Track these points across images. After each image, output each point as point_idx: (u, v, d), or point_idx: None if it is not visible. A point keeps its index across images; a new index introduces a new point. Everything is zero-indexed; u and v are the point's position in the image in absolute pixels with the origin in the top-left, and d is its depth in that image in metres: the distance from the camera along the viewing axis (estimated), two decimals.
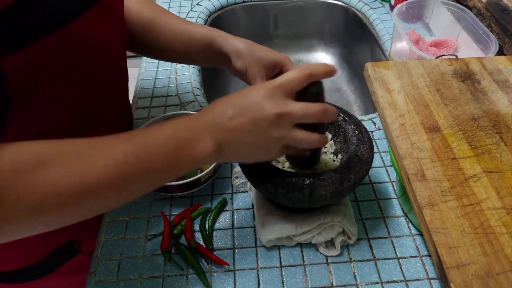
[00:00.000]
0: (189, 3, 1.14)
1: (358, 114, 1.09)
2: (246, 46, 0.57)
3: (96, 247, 0.58)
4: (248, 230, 0.59)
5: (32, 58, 0.39)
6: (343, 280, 0.53)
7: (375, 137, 0.72)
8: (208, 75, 1.03)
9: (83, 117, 0.52)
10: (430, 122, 0.53)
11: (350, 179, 0.48)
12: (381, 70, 0.61)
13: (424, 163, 0.47)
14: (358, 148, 0.52)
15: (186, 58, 0.65)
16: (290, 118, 0.42)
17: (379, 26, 1.02)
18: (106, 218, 0.61)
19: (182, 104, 0.81)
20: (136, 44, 0.63)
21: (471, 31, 0.79)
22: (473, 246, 0.40)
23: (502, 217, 0.42)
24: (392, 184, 0.64)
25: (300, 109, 0.41)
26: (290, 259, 0.55)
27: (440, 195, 0.44)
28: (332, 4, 1.17)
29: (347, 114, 0.58)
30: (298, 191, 0.48)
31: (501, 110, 0.54)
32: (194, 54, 0.63)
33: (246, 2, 1.16)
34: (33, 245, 0.61)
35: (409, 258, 0.55)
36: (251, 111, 0.41)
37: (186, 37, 0.61)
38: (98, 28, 0.48)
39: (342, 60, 1.23)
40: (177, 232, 0.58)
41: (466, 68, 0.61)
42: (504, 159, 0.48)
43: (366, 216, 0.60)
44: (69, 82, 0.46)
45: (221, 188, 0.65)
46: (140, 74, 0.90)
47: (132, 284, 0.53)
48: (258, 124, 0.41)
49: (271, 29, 1.23)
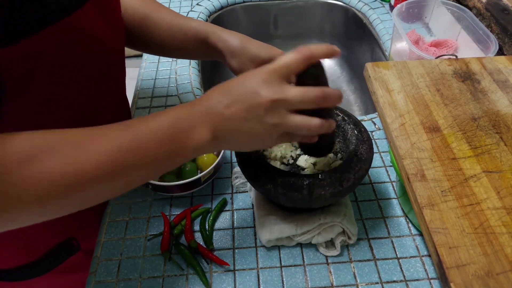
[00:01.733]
0: (189, 3, 1.14)
1: (358, 114, 1.09)
2: (240, 43, 0.56)
3: (96, 247, 0.58)
4: (248, 230, 0.59)
5: (29, 50, 0.40)
6: (343, 280, 0.53)
7: (375, 137, 0.72)
8: (208, 75, 1.03)
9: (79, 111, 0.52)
10: (430, 122, 0.52)
11: (350, 179, 0.48)
12: (381, 70, 0.61)
13: (424, 163, 0.47)
14: (358, 148, 0.52)
15: (183, 54, 0.65)
16: (286, 104, 0.40)
17: (379, 26, 1.02)
18: (106, 218, 0.61)
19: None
20: (133, 40, 0.63)
21: (471, 31, 0.79)
22: (473, 246, 0.40)
23: (502, 217, 0.42)
24: (392, 184, 0.64)
25: (297, 94, 0.40)
26: (290, 259, 0.55)
27: (440, 195, 0.44)
28: (332, 4, 1.17)
29: (346, 114, 0.58)
30: (298, 191, 0.48)
31: (501, 110, 0.54)
32: (190, 50, 0.62)
33: (246, 2, 1.16)
34: (32, 243, 0.61)
35: (409, 258, 0.55)
36: (246, 98, 0.40)
37: (181, 34, 0.61)
38: (94, 22, 0.48)
39: (342, 60, 1.23)
40: (177, 232, 0.58)
41: (466, 68, 0.61)
42: (504, 159, 0.48)
43: (366, 216, 0.60)
44: (65, 76, 0.46)
45: (221, 188, 0.65)
46: (140, 74, 0.90)
47: (132, 284, 0.53)
48: (254, 111, 0.39)
49: (271, 29, 1.23)
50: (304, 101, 0.40)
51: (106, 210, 0.63)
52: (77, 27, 0.44)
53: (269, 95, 0.39)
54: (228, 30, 0.59)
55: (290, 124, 0.40)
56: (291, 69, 0.41)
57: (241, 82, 0.41)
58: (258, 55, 0.55)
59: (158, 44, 0.63)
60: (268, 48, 0.56)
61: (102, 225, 0.61)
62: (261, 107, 0.39)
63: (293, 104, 0.40)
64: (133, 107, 0.81)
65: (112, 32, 0.53)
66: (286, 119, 0.40)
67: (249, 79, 0.41)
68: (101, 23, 0.49)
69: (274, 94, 0.39)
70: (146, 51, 0.69)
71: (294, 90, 0.40)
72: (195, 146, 0.40)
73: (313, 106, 0.41)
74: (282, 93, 0.39)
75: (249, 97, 0.39)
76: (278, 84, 0.40)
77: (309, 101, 0.40)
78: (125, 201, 0.64)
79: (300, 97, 0.40)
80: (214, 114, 0.40)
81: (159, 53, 0.68)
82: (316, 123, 0.41)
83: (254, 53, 0.56)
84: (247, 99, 0.39)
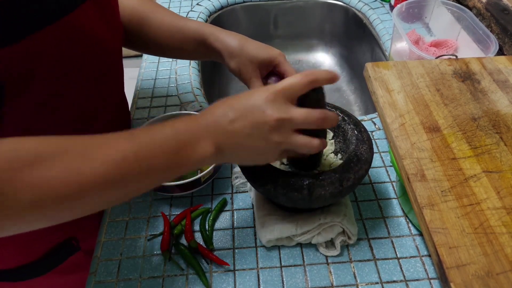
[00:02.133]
0: (189, 3, 1.14)
1: (358, 114, 1.09)
2: (239, 44, 0.56)
3: (96, 247, 0.58)
4: (248, 230, 0.59)
5: (29, 50, 0.40)
6: (343, 280, 0.53)
7: (375, 137, 0.72)
8: (208, 75, 1.03)
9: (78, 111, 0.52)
10: (430, 122, 0.52)
11: (350, 179, 0.48)
12: (381, 70, 0.61)
13: (424, 163, 0.47)
14: (358, 148, 0.52)
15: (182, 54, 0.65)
16: (291, 124, 0.42)
17: (379, 26, 1.02)
18: (106, 218, 0.61)
19: (182, 104, 0.81)
20: (132, 40, 0.63)
21: (471, 31, 0.79)
22: (473, 246, 0.40)
23: (502, 217, 0.42)
24: (392, 184, 0.64)
25: (301, 115, 0.42)
26: (290, 259, 0.55)
27: (440, 195, 0.44)
28: (332, 4, 1.17)
29: (346, 114, 0.58)
30: (298, 191, 0.48)
31: (501, 110, 0.54)
32: (189, 51, 0.63)
33: (246, 2, 1.16)
34: (32, 243, 0.61)
35: (409, 258, 0.55)
36: (252, 114, 0.41)
37: (180, 34, 0.61)
38: (92, 22, 0.48)
39: (342, 60, 1.23)
40: (177, 232, 0.58)
41: (466, 68, 0.61)
42: (504, 159, 0.48)
43: (366, 216, 0.60)
44: (65, 75, 0.46)
45: (221, 188, 0.65)
46: (140, 74, 0.90)
47: (132, 284, 0.53)
48: (259, 128, 0.41)
49: (271, 29, 1.23)
50: (307, 122, 0.42)
51: (106, 210, 0.63)
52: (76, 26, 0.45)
53: (275, 114, 0.41)
54: (226, 31, 0.59)
55: (293, 143, 0.43)
56: (295, 90, 0.43)
57: (247, 98, 0.42)
58: (256, 56, 0.56)
59: (157, 45, 0.63)
60: (267, 48, 0.57)
61: (102, 225, 0.61)
62: (267, 125, 0.41)
63: (297, 124, 0.42)
64: (133, 107, 0.81)
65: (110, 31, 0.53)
66: (290, 138, 0.42)
67: (255, 97, 0.42)
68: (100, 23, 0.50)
69: (280, 114, 0.41)
70: (146, 51, 0.69)
71: (298, 111, 0.42)
72: (198, 159, 0.41)
73: (314, 127, 0.43)
74: (287, 113, 0.41)
75: (255, 114, 0.41)
76: (283, 104, 0.42)
77: (312, 122, 0.42)
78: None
79: (304, 118, 0.42)
80: (219, 128, 0.41)
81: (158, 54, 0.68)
82: (317, 144, 0.44)
83: (252, 54, 0.56)
84: (253, 116, 0.41)
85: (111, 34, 0.53)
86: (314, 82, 0.43)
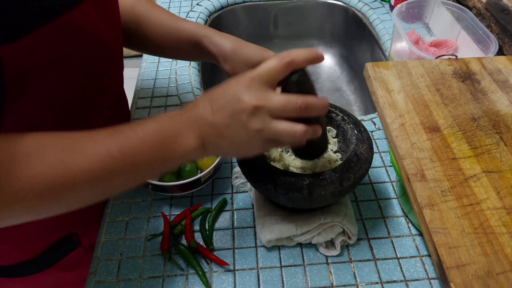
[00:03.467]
0: (189, 3, 1.14)
1: (358, 114, 1.09)
2: (232, 47, 0.56)
3: (96, 247, 0.58)
4: (248, 230, 0.59)
5: (28, 48, 0.40)
6: (343, 280, 0.53)
7: (375, 137, 0.72)
8: (208, 75, 1.03)
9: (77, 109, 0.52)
10: (430, 122, 0.52)
11: (350, 178, 0.48)
12: (381, 70, 0.61)
13: (424, 163, 0.47)
14: (358, 148, 0.52)
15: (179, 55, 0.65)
16: (268, 110, 0.39)
17: (379, 26, 1.02)
18: (106, 218, 0.61)
19: (182, 104, 0.81)
20: (130, 39, 0.63)
21: (471, 31, 0.79)
22: (473, 246, 0.40)
23: (502, 217, 0.42)
24: (392, 184, 0.64)
25: (279, 103, 0.39)
26: (290, 259, 0.55)
27: (440, 195, 0.44)
28: (332, 4, 1.17)
29: (346, 114, 0.58)
30: (298, 191, 0.48)
31: (501, 110, 0.54)
32: (185, 53, 0.63)
33: (246, 2, 1.16)
34: (33, 239, 0.61)
35: (409, 258, 0.55)
36: (229, 104, 0.40)
37: (175, 35, 0.61)
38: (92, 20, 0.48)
39: (342, 60, 1.23)
40: (177, 232, 0.58)
41: (466, 68, 0.61)
42: (504, 159, 0.48)
43: (366, 216, 0.60)
44: (64, 73, 0.47)
45: (221, 188, 0.65)
46: (140, 74, 0.90)
47: (132, 284, 0.53)
48: (237, 117, 0.40)
49: (271, 29, 1.23)
50: (285, 110, 0.40)
51: (106, 210, 0.63)
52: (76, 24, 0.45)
53: (251, 101, 0.39)
54: (221, 33, 0.59)
55: (273, 130, 0.40)
56: (272, 75, 0.40)
57: (225, 89, 0.42)
58: (250, 59, 0.55)
59: (153, 45, 0.63)
60: (261, 51, 0.56)
61: (102, 225, 0.61)
62: (244, 113, 0.39)
63: (274, 111, 0.40)
64: (133, 107, 0.81)
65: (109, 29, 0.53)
66: (269, 125, 0.40)
67: (233, 86, 0.41)
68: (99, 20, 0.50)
69: (256, 100, 0.39)
70: (145, 51, 0.69)
71: (276, 98, 0.40)
72: (183, 153, 0.41)
73: (295, 116, 0.40)
74: (263, 99, 0.39)
75: (232, 104, 0.40)
76: (260, 90, 0.40)
77: (291, 111, 0.40)
78: (125, 201, 0.64)
79: (282, 106, 0.40)
80: (201, 121, 0.41)
81: (157, 54, 0.69)
82: (299, 130, 0.40)
83: (246, 57, 0.56)
84: (231, 106, 0.40)
85: (110, 31, 0.53)
86: (292, 64, 0.40)
